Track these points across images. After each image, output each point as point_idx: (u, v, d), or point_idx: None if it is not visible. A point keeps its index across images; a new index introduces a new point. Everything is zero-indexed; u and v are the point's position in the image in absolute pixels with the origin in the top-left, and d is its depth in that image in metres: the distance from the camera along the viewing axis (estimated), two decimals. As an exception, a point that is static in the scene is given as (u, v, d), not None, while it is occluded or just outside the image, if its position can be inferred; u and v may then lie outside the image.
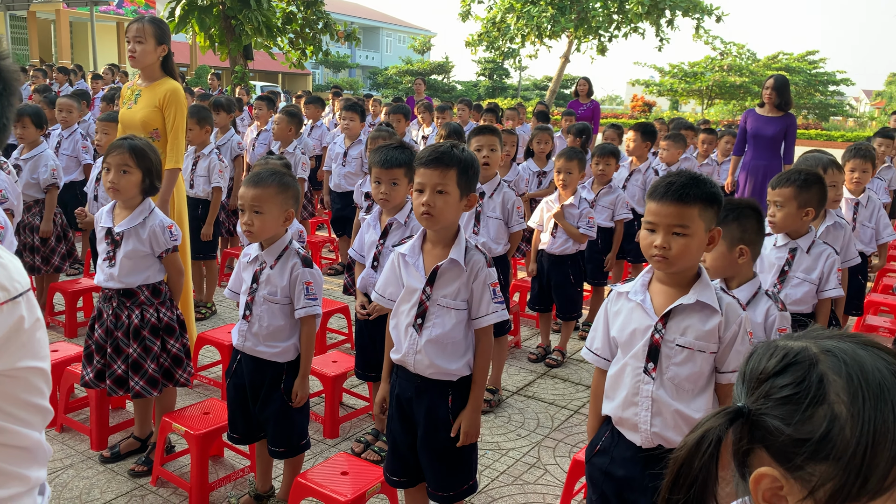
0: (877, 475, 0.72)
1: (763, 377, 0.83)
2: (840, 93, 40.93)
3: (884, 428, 0.73)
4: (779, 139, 6.64)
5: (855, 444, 0.73)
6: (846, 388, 0.76)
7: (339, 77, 48.05)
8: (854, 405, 0.75)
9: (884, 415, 0.73)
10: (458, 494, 2.43)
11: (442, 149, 2.28)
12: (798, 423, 0.78)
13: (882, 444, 0.72)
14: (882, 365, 0.76)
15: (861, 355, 0.78)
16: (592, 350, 2.14)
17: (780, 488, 0.80)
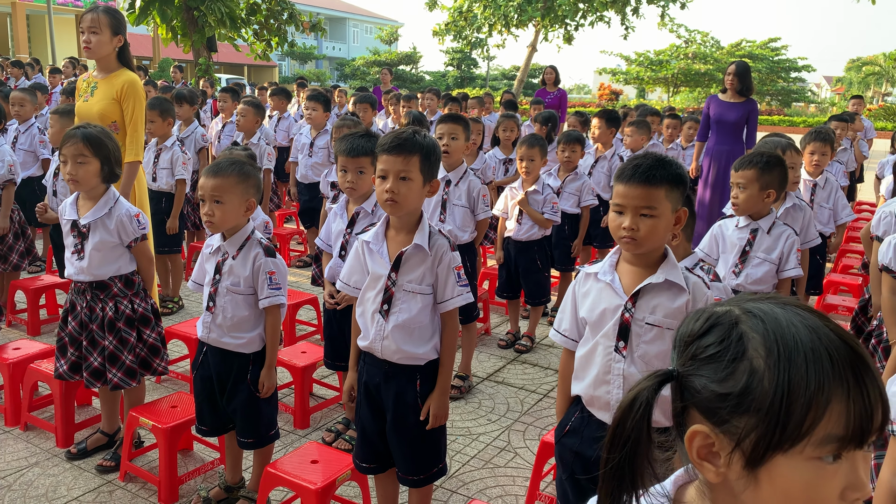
0: (794, 421, 0.76)
1: (690, 339, 0.87)
2: (802, 79, 41.68)
3: (798, 377, 0.76)
4: (741, 124, 6.75)
5: (772, 394, 0.77)
6: (763, 343, 0.79)
7: (305, 69, 47.58)
8: (770, 358, 0.78)
9: (797, 365, 0.76)
10: (428, 477, 2.46)
11: (404, 135, 2.28)
12: (721, 379, 0.81)
13: (797, 392, 0.75)
14: (797, 320, 0.79)
15: (778, 313, 0.81)
16: (560, 331, 2.16)
17: (712, 445, 0.83)
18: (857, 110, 9.30)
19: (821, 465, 0.76)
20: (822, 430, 0.75)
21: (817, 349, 0.76)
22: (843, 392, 0.75)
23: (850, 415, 0.75)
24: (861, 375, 0.75)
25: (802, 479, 0.77)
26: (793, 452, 0.77)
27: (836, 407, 0.75)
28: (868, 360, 0.77)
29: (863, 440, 0.75)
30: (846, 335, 0.79)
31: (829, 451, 0.76)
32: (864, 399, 0.75)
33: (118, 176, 3.11)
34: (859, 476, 0.77)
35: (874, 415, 0.75)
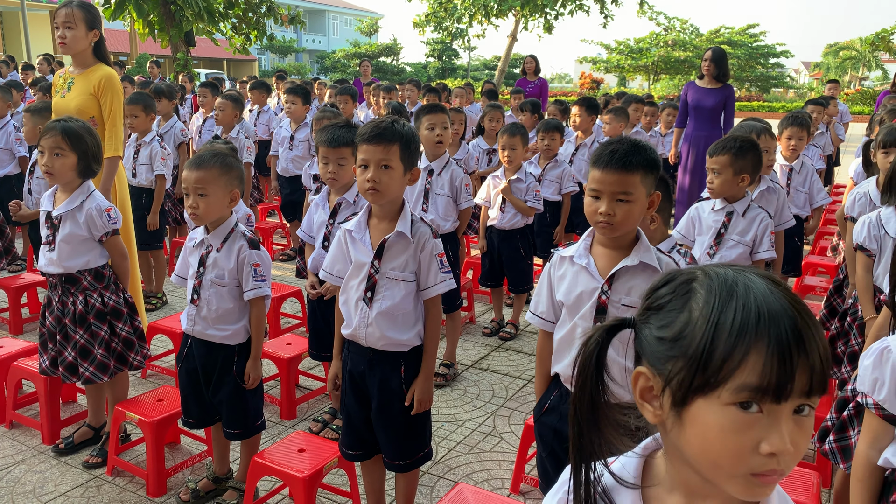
0: (713, 367, 0.80)
1: (650, 293, 0.92)
2: (780, 65, 42.00)
3: (723, 327, 0.80)
4: (718, 110, 6.82)
5: (698, 340, 0.82)
6: (705, 296, 0.84)
7: (285, 62, 47.26)
8: (705, 308, 0.83)
9: (726, 316, 0.81)
10: (413, 462, 2.49)
11: (384, 124, 2.30)
12: (662, 325, 0.87)
13: (719, 340, 0.80)
14: (747, 282, 0.83)
15: (731, 275, 0.85)
16: (537, 314, 2.20)
17: (651, 387, 0.88)
18: (833, 94, 9.41)
19: (736, 413, 0.80)
20: (738, 379, 0.79)
21: (749, 305, 0.81)
22: (764, 346, 0.78)
23: (768, 369, 0.78)
24: (793, 337, 0.79)
25: (718, 424, 0.81)
26: (711, 396, 0.81)
27: (754, 359, 0.78)
28: (808, 327, 0.80)
29: (780, 396, 0.78)
30: (793, 302, 0.82)
31: (743, 399, 0.79)
32: (786, 358, 0.78)
33: (96, 172, 3.10)
34: (778, 431, 0.79)
35: (795, 374, 0.78)
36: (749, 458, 0.80)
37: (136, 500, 2.91)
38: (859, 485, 1.67)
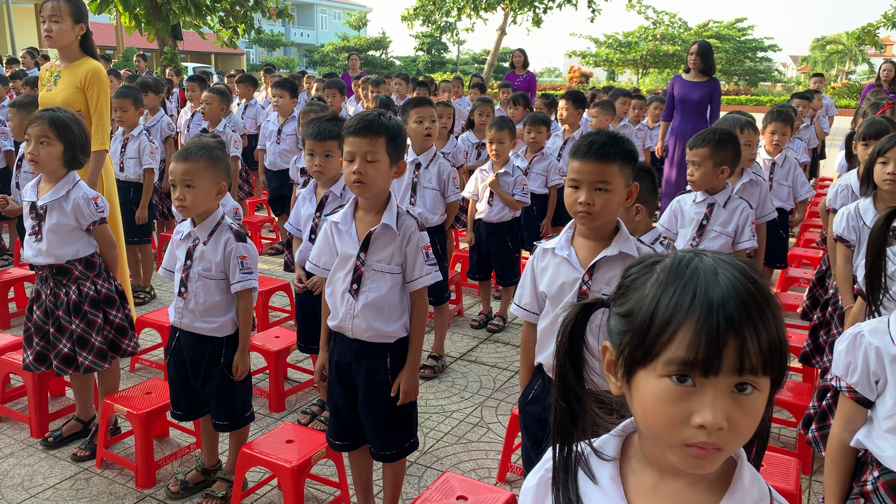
0: (649, 340, 0.86)
1: (624, 274, 0.97)
2: (768, 59, 42.20)
3: (663, 303, 0.85)
4: (705, 103, 6.87)
5: (643, 315, 0.87)
6: (657, 276, 0.89)
7: (273, 56, 47.00)
8: (653, 287, 0.88)
9: (667, 293, 0.85)
10: (400, 452, 2.52)
11: (370, 117, 2.32)
12: (622, 303, 0.92)
13: (657, 315, 0.85)
14: (707, 265, 0.86)
15: (689, 257, 0.89)
16: (521, 306, 2.23)
17: (612, 360, 0.94)
18: (818, 88, 9.49)
19: (669, 385, 0.84)
20: (669, 352, 0.84)
21: (689, 283, 0.85)
22: (694, 323, 0.82)
23: (695, 344, 0.82)
24: (723, 317, 0.82)
25: (654, 394, 0.86)
26: (649, 368, 0.86)
27: (683, 334, 0.83)
28: (749, 310, 0.82)
29: (707, 370, 0.82)
30: (745, 286, 0.84)
31: (673, 371, 0.84)
32: (714, 335, 0.81)
33: (82, 163, 3.10)
34: (708, 405, 0.82)
35: (723, 352, 0.81)
36: (681, 428, 0.84)
37: (125, 493, 2.93)
38: (833, 465, 1.72)
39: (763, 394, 0.85)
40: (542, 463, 1.08)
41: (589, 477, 0.98)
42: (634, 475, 0.97)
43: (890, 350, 1.59)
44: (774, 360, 0.84)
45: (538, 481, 1.06)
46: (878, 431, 1.63)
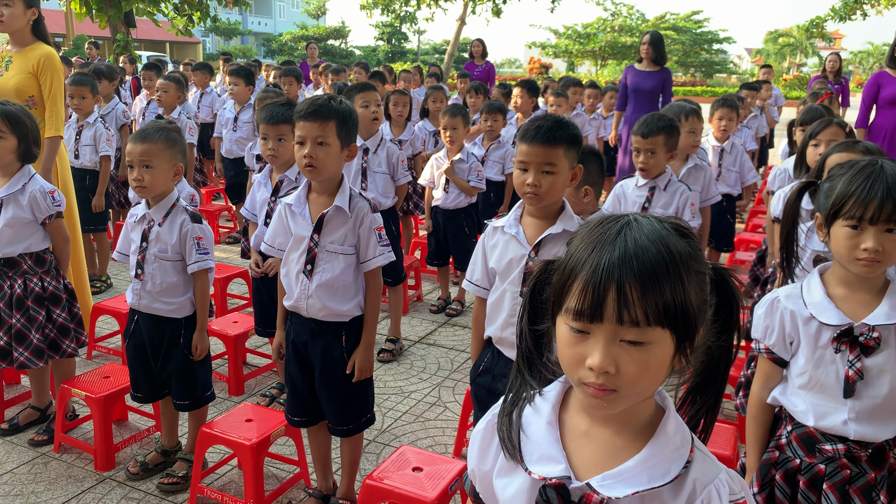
0: (557, 291, 0.99)
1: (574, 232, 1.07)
2: (723, 51, 43.08)
3: (569, 258, 0.98)
4: (657, 92, 7.04)
5: (560, 269, 0.99)
6: (584, 234, 0.99)
7: (230, 45, 46.27)
8: (574, 244, 1.00)
9: (578, 248, 0.97)
10: (356, 427, 2.60)
11: (320, 101, 2.38)
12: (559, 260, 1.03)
13: (567, 266, 0.97)
14: (627, 225, 0.96)
15: (620, 219, 0.98)
16: (472, 281, 2.33)
17: None
18: (767, 78, 9.78)
19: (570, 332, 0.96)
20: (568, 301, 0.96)
21: (591, 243, 0.96)
22: (585, 276, 0.93)
23: (582, 296, 0.93)
24: (606, 272, 0.92)
25: (561, 338, 0.99)
26: (559, 317, 0.99)
27: (576, 286, 0.95)
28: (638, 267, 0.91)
29: (592, 319, 0.93)
30: (655, 247, 0.92)
31: (568, 319, 0.96)
32: (597, 288, 0.92)
33: (35, 156, 3.08)
34: (597, 350, 0.93)
35: (604, 303, 0.92)
36: (578, 368, 0.96)
37: (84, 475, 2.95)
38: (753, 421, 1.86)
39: (659, 347, 0.93)
40: (490, 411, 1.18)
41: (527, 419, 1.09)
42: (570, 420, 1.07)
43: (803, 313, 1.72)
44: (671, 317, 0.92)
45: (486, 425, 1.16)
46: (792, 388, 1.77)
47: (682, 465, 0.97)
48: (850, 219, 1.61)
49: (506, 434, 1.09)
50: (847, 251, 1.63)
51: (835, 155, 2.48)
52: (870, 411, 1.66)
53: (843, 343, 1.66)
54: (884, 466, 1.71)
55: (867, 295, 1.68)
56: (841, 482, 1.71)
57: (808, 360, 1.72)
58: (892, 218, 1.57)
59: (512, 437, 1.08)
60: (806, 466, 1.74)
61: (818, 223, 1.72)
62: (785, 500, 1.77)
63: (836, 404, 1.69)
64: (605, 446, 1.02)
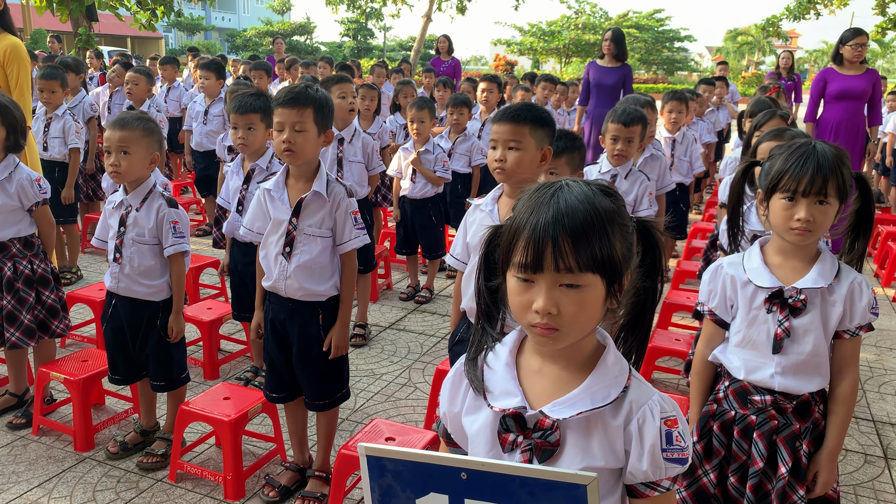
0: (505, 250, 1.14)
1: (517, 200, 1.20)
2: (685, 49, 43.92)
3: (516, 215, 1.13)
4: (618, 88, 7.26)
5: (507, 229, 1.14)
6: (525, 199, 1.14)
7: (193, 40, 45.65)
8: (518, 204, 1.15)
9: (521, 209, 1.12)
10: (332, 402, 2.72)
11: (297, 89, 2.50)
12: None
13: (513, 226, 1.13)
14: (560, 189, 1.11)
15: (551, 184, 1.14)
16: (454, 255, 2.47)
17: None
18: (723, 74, 10.11)
19: (518, 282, 1.12)
20: (514, 257, 1.11)
21: (532, 205, 1.11)
22: (527, 235, 1.09)
23: (526, 251, 1.09)
24: (543, 228, 1.07)
25: (510, 289, 1.14)
26: (508, 271, 1.14)
27: (521, 243, 1.10)
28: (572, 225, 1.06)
29: (535, 269, 1.08)
30: (583, 206, 1.08)
31: (517, 272, 1.11)
32: (537, 243, 1.07)
33: (22, 147, 3.16)
34: (540, 295, 1.09)
35: (544, 255, 1.07)
36: (527, 313, 1.11)
37: (63, 456, 3.02)
38: (696, 378, 2.04)
39: (593, 290, 1.10)
40: (458, 361, 1.32)
41: (489, 364, 1.24)
42: (525, 361, 1.23)
43: (741, 277, 1.91)
44: (599, 264, 1.08)
45: (455, 373, 1.31)
46: (729, 346, 1.96)
47: (621, 389, 1.14)
48: (786, 192, 1.79)
49: (472, 375, 1.24)
50: (783, 222, 1.81)
51: (765, 144, 2.70)
52: (794, 366, 1.85)
53: (774, 304, 1.85)
54: (808, 419, 1.90)
55: (800, 263, 1.87)
56: (769, 431, 1.89)
57: (744, 320, 1.90)
58: (822, 191, 1.76)
59: (478, 376, 1.23)
60: (740, 417, 1.93)
61: (759, 198, 1.90)
62: (721, 448, 1.96)
63: (766, 360, 1.88)
64: (554, 380, 1.18)
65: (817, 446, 1.90)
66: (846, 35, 6.11)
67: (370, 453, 1.09)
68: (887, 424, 3.52)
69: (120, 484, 2.84)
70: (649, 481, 1.13)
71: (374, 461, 1.09)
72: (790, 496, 1.86)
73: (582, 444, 1.14)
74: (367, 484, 1.10)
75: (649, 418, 1.12)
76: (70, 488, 2.80)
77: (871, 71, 6.27)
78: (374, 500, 1.11)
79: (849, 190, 1.81)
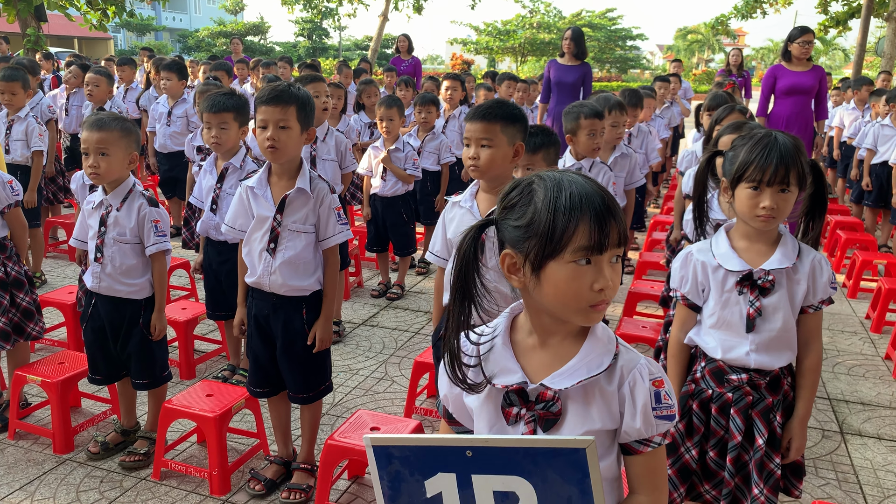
0: (556, 238, 1.17)
1: (503, 197, 1.27)
2: (637, 47, 44.72)
3: (559, 210, 1.17)
4: (578, 86, 7.43)
5: (544, 222, 1.18)
6: (543, 192, 1.20)
7: (144, 41, 44.66)
8: (546, 200, 1.18)
9: (560, 203, 1.17)
10: (316, 394, 2.78)
11: (280, 87, 2.54)
12: (517, 217, 1.22)
13: (558, 220, 1.16)
14: (569, 180, 1.20)
15: (557, 175, 1.22)
16: (434, 252, 2.53)
17: (515, 262, 1.24)
18: (677, 72, 10.39)
19: (576, 267, 1.17)
20: (574, 243, 1.16)
21: (573, 193, 1.17)
22: (588, 218, 1.16)
23: (593, 233, 1.15)
24: (604, 209, 1.17)
25: (566, 276, 1.18)
26: (558, 259, 1.17)
27: (582, 228, 1.16)
28: (612, 202, 1.18)
29: (601, 250, 1.17)
30: (600, 188, 1.19)
31: (580, 257, 1.17)
32: (603, 223, 1.16)
33: None
34: (603, 274, 1.18)
35: (609, 234, 1.16)
36: (587, 295, 1.18)
37: (43, 459, 3.01)
38: (673, 360, 2.15)
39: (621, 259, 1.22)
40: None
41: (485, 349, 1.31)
42: (521, 340, 1.31)
43: (711, 263, 2.03)
44: (626, 234, 1.20)
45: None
46: (704, 329, 2.08)
47: (612, 357, 1.23)
48: (751, 181, 1.91)
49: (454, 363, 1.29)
50: (749, 209, 1.94)
51: (726, 136, 2.85)
52: (767, 343, 1.98)
53: (745, 286, 1.97)
54: (779, 392, 2.03)
55: (764, 246, 2.00)
56: (744, 407, 2.02)
57: (717, 303, 2.03)
58: (784, 180, 1.88)
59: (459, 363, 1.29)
60: (716, 395, 2.05)
61: (724, 187, 2.02)
62: (701, 425, 2.08)
63: (740, 339, 2.00)
64: (550, 355, 1.27)
65: (788, 416, 2.04)
66: (794, 33, 6.37)
67: (376, 443, 1.12)
68: (842, 402, 3.73)
69: (103, 484, 2.84)
70: (642, 438, 1.23)
71: (380, 450, 1.13)
72: (767, 465, 1.99)
73: (581, 411, 1.23)
74: (376, 473, 1.14)
75: (639, 381, 1.22)
76: (52, 490, 2.79)
77: (817, 68, 6.55)
78: (383, 488, 1.14)
79: (807, 177, 1.94)
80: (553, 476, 1.07)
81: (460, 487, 1.11)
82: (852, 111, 8.36)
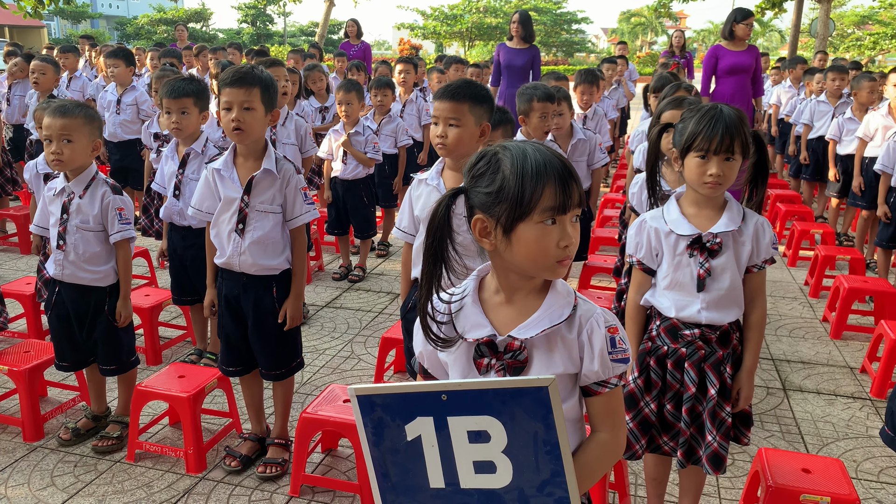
0: (525, 201, 1.28)
1: (470, 167, 1.38)
2: (582, 31, 45.27)
3: (526, 176, 1.28)
4: (527, 68, 7.56)
5: (513, 188, 1.29)
6: (509, 161, 1.31)
7: (79, 29, 43.14)
8: (513, 167, 1.30)
9: (526, 169, 1.28)
10: (288, 371, 2.85)
11: (244, 69, 2.58)
12: (487, 185, 1.32)
13: (526, 185, 1.28)
14: (532, 148, 1.32)
15: (521, 145, 1.33)
16: (401, 228, 2.61)
17: (486, 226, 1.34)
18: (623, 54, 10.63)
19: (543, 227, 1.29)
20: (541, 205, 1.27)
21: (537, 160, 1.29)
22: (553, 182, 1.27)
23: (556, 195, 1.27)
24: (565, 172, 1.29)
25: (534, 236, 1.29)
26: (527, 220, 1.29)
27: (548, 191, 1.27)
28: (570, 167, 1.30)
29: (565, 210, 1.29)
30: (559, 156, 1.30)
31: (547, 217, 1.28)
32: (565, 185, 1.28)
33: None
34: (567, 232, 1.30)
35: (571, 194, 1.28)
36: (554, 252, 1.30)
37: (14, 447, 3.00)
38: (631, 321, 2.30)
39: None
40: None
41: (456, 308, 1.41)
42: (488, 298, 1.42)
43: (663, 228, 2.17)
44: (582, 196, 1.32)
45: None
46: (659, 290, 2.22)
47: (571, 308, 1.35)
48: (699, 151, 2.06)
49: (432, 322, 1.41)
50: (697, 177, 2.08)
51: (667, 112, 3.01)
52: (716, 301, 2.14)
53: (695, 249, 2.12)
54: (729, 346, 2.19)
55: (711, 211, 2.15)
56: (697, 360, 2.18)
57: (670, 266, 2.17)
58: (729, 149, 2.03)
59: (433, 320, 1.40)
60: (671, 351, 2.20)
61: (674, 157, 2.16)
62: (658, 380, 2.23)
63: (692, 298, 2.15)
64: (516, 309, 1.38)
65: (737, 368, 2.20)
66: (738, 15, 6.63)
67: (360, 393, 1.23)
68: (784, 361, 3.97)
69: (77, 468, 2.86)
70: (600, 380, 1.36)
71: (364, 399, 1.24)
72: (719, 413, 2.15)
73: (545, 358, 1.35)
74: (360, 420, 1.24)
75: (596, 328, 1.34)
76: (26, 476, 2.80)
77: (753, 47, 6.84)
78: (367, 434, 1.25)
79: (750, 147, 2.09)
80: (520, 413, 1.18)
81: (437, 429, 1.22)
82: (789, 89, 8.72)
